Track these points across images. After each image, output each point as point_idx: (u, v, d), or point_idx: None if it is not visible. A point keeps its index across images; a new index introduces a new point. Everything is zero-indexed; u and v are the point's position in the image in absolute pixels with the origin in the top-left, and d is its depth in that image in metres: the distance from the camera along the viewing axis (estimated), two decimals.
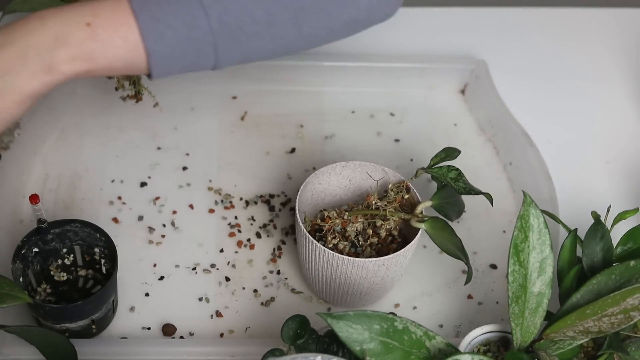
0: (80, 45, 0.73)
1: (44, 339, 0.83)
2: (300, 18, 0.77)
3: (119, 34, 0.73)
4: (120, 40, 0.73)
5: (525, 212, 0.80)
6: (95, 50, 0.73)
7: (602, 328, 0.76)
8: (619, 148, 1.12)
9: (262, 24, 0.76)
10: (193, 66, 0.77)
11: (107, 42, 0.73)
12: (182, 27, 0.73)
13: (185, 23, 0.73)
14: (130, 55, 0.74)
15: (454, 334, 0.95)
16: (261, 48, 0.78)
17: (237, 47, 0.77)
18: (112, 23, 0.73)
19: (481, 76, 1.15)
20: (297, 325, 0.82)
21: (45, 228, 0.88)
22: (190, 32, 0.74)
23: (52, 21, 0.72)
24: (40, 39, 0.72)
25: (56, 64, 0.72)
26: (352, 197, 0.97)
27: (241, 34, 0.76)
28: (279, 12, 0.76)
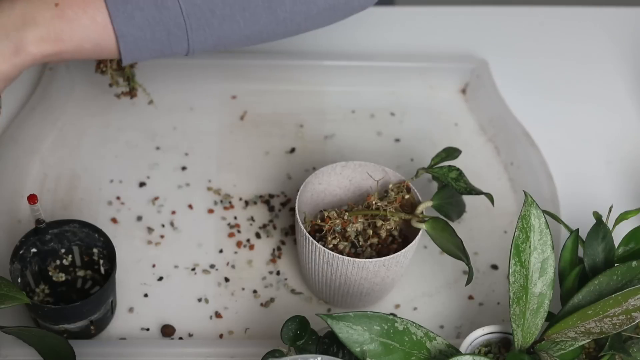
0: (48, 24, 0.71)
1: (42, 340, 0.83)
2: (274, 2, 0.76)
3: (87, 15, 0.72)
4: (88, 20, 0.72)
5: (526, 213, 0.80)
6: (63, 30, 0.72)
7: (604, 329, 0.76)
8: (621, 148, 1.12)
9: (235, 7, 0.75)
10: (166, 50, 0.75)
11: (75, 22, 0.72)
12: (151, 7, 0.72)
13: (154, 3, 0.72)
14: (99, 36, 0.72)
15: (455, 334, 0.94)
16: (235, 33, 0.76)
17: (210, 31, 0.75)
18: (80, 3, 0.72)
19: (482, 75, 1.15)
20: (297, 326, 0.81)
21: (44, 228, 0.88)
22: (160, 14, 0.72)
23: (20, 1, 0.71)
24: (8, 19, 0.71)
25: (24, 45, 0.71)
26: (352, 197, 0.97)
27: (213, 17, 0.74)
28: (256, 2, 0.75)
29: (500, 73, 1.15)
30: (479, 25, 1.23)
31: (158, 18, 0.73)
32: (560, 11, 1.27)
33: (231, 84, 1.15)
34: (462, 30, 1.22)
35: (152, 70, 1.10)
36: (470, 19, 1.24)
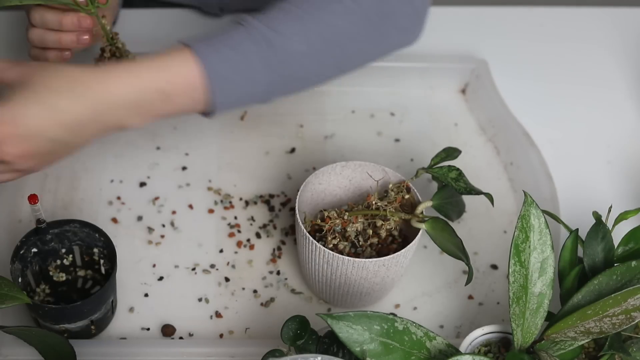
0: (156, 110, 0.80)
1: (42, 340, 0.83)
2: (344, 64, 0.89)
3: (190, 97, 0.81)
4: (189, 101, 0.81)
5: (526, 212, 0.80)
6: (166, 112, 0.81)
7: (604, 329, 0.76)
8: (620, 148, 1.12)
9: (313, 74, 0.86)
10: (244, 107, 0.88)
11: (179, 104, 0.81)
12: (246, 85, 0.82)
13: (249, 81, 0.82)
14: (192, 107, 0.82)
15: (455, 334, 0.94)
16: (304, 88, 0.87)
17: (287, 91, 0.86)
18: (187, 89, 0.80)
19: (482, 76, 1.15)
20: (297, 326, 0.81)
21: (44, 228, 0.88)
22: (252, 89, 0.83)
23: (131, 88, 0.77)
24: (120, 104, 0.77)
25: (129, 124, 0.80)
26: (352, 197, 0.97)
27: (293, 82, 0.86)
28: (329, 64, 0.87)
29: (500, 73, 1.16)
30: (479, 26, 1.23)
31: (249, 93, 0.83)
32: (560, 11, 1.27)
33: None
34: (462, 30, 1.22)
35: None
36: (470, 19, 1.24)
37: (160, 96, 0.79)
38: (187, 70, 0.80)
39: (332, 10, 0.84)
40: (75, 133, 0.76)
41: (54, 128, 0.75)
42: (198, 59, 0.80)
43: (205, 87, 0.81)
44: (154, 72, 0.79)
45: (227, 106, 0.83)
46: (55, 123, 0.75)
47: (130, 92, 0.78)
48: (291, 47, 0.82)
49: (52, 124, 0.74)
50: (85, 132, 0.77)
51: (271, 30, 0.82)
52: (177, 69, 0.80)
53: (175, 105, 0.81)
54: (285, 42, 0.82)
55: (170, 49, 0.81)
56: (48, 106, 0.74)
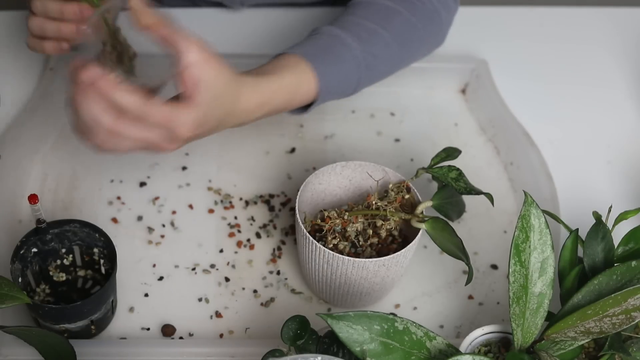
0: (277, 112, 0.92)
1: (43, 340, 0.83)
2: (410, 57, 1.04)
3: (300, 104, 0.94)
4: (298, 106, 0.94)
5: (526, 212, 0.80)
6: (284, 108, 0.93)
7: (604, 328, 0.76)
8: (620, 148, 1.12)
9: (385, 75, 1.02)
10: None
11: (289, 109, 0.94)
12: (341, 92, 0.98)
13: (343, 91, 0.98)
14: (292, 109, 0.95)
15: (455, 334, 0.94)
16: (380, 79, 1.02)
17: (369, 83, 1.00)
18: (303, 100, 0.93)
19: (482, 76, 1.15)
20: (297, 326, 0.81)
21: (44, 228, 0.88)
22: (340, 96, 0.98)
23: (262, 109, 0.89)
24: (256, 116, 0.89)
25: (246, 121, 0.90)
26: (353, 197, 0.97)
27: (377, 77, 1.01)
28: (396, 70, 1.03)
29: (500, 73, 1.16)
30: (479, 26, 1.23)
31: (336, 97, 0.98)
32: (560, 11, 1.27)
33: None
34: (462, 30, 1.21)
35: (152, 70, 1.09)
36: (470, 19, 1.24)
37: (283, 107, 0.92)
38: (308, 92, 0.93)
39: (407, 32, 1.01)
40: (214, 132, 0.87)
41: (212, 129, 0.85)
42: (317, 77, 0.93)
43: (314, 97, 0.95)
44: (286, 96, 0.91)
45: (314, 108, 0.97)
46: (215, 127, 0.85)
47: (263, 112, 0.90)
48: (380, 68, 1.00)
49: (213, 127, 0.85)
50: (217, 131, 0.87)
51: (370, 55, 0.97)
52: (302, 91, 0.93)
53: (286, 110, 0.94)
54: (377, 64, 0.99)
55: (296, 65, 0.92)
56: (220, 113, 0.84)
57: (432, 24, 1.03)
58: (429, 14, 1.02)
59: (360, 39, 0.97)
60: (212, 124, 0.84)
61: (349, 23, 0.98)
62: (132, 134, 0.79)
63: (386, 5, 1.00)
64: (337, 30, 0.97)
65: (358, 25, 0.98)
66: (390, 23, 0.99)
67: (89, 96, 0.78)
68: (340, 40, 0.96)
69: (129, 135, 0.79)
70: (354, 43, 0.96)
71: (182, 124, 0.80)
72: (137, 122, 0.79)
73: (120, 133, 0.79)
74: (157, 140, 0.81)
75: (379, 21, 0.98)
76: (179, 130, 0.80)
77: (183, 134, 0.81)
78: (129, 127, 0.79)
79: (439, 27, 1.04)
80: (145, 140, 0.80)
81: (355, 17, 0.99)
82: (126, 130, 0.79)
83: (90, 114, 0.78)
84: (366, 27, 0.98)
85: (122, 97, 0.78)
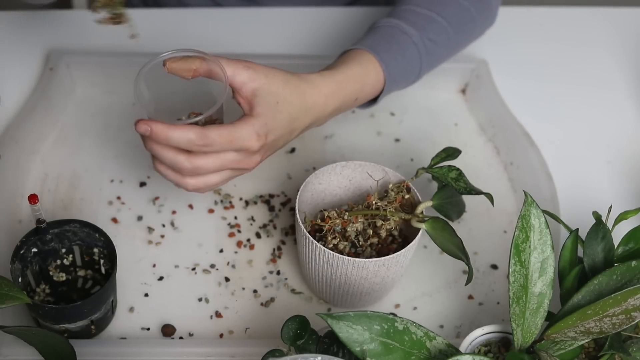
0: (343, 112, 0.95)
1: (43, 340, 0.83)
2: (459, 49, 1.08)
3: (367, 98, 0.97)
4: (365, 100, 0.97)
5: (526, 212, 0.80)
6: (346, 110, 0.96)
7: (604, 328, 0.76)
8: (620, 148, 1.12)
9: (444, 59, 1.05)
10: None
11: (358, 104, 0.97)
12: (406, 79, 1.01)
13: (407, 78, 1.00)
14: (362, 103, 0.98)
15: (455, 334, 0.94)
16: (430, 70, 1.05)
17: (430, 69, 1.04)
18: (371, 93, 0.97)
19: (482, 75, 1.15)
20: (297, 326, 0.81)
21: (44, 228, 0.88)
22: (405, 85, 1.02)
23: (336, 102, 0.92)
24: (328, 112, 0.92)
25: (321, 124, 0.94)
26: (353, 197, 0.97)
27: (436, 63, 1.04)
28: (452, 53, 1.06)
29: (500, 73, 1.16)
30: None
31: (401, 86, 1.01)
32: (560, 11, 1.27)
33: None
34: None
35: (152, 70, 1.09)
36: None
37: (353, 103, 0.95)
38: (376, 82, 0.96)
39: (460, 16, 1.04)
40: (294, 134, 0.90)
41: (287, 132, 0.88)
42: (383, 66, 0.96)
43: (381, 87, 0.97)
44: (354, 85, 0.93)
45: (382, 98, 1.00)
46: (289, 129, 0.88)
47: (335, 104, 0.92)
48: (439, 53, 1.03)
49: (287, 130, 0.88)
50: (297, 133, 0.91)
51: (431, 42, 1.01)
52: (370, 81, 0.95)
53: (356, 105, 0.97)
54: (436, 49, 1.02)
55: (361, 56, 0.95)
56: (287, 114, 0.87)
57: (483, 6, 1.06)
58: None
59: (418, 26, 1.00)
60: (283, 128, 0.87)
61: (405, 12, 1.02)
62: (210, 165, 0.84)
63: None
64: (395, 20, 1.01)
65: (414, 13, 1.01)
66: (445, 9, 1.03)
67: (155, 147, 0.83)
68: (400, 29, 1.00)
69: (208, 166, 0.84)
70: (413, 30, 1.00)
71: (246, 138, 0.83)
72: (206, 152, 0.83)
73: (201, 167, 0.83)
74: (235, 162, 0.85)
75: (434, 7, 1.02)
76: (247, 144, 0.84)
77: (253, 147, 0.84)
78: (203, 159, 0.83)
79: (490, 9, 1.08)
80: (224, 166, 0.84)
81: (410, 6, 1.02)
82: (202, 163, 0.83)
83: (168, 161, 0.83)
84: (423, 15, 1.01)
85: (179, 136, 0.81)
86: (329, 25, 1.22)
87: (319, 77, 0.91)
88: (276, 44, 1.18)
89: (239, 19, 1.21)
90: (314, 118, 0.91)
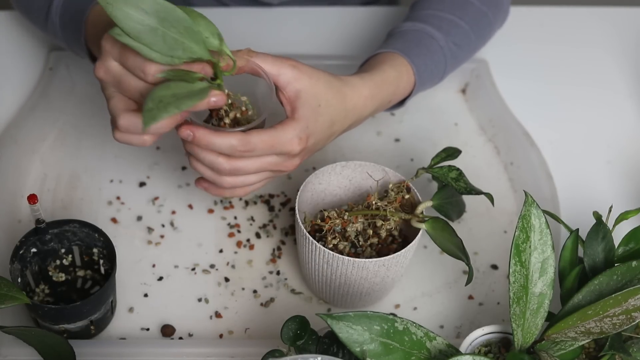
0: (377, 113, 0.96)
1: (42, 340, 0.83)
2: (477, 51, 1.10)
3: (398, 99, 0.99)
4: (396, 101, 0.99)
5: (526, 212, 0.80)
6: (379, 112, 0.97)
7: (604, 329, 0.76)
8: (621, 148, 1.12)
9: (464, 61, 1.08)
10: None
11: (390, 105, 0.98)
12: (432, 81, 1.03)
13: (433, 80, 1.03)
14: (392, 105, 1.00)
15: (455, 334, 0.94)
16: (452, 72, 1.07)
17: (452, 70, 1.06)
18: (402, 95, 0.98)
19: (482, 75, 1.15)
20: (297, 326, 0.81)
21: (44, 228, 0.88)
22: (430, 85, 1.03)
23: (373, 105, 0.93)
24: (365, 115, 0.93)
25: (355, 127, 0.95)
26: (353, 197, 0.97)
27: (458, 64, 1.07)
28: (471, 56, 1.09)
29: (500, 73, 1.15)
30: None
31: (428, 87, 1.03)
32: (560, 11, 1.27)
33: None
34: None
35: None
36: None
37: (387, 105, 0.97)
38: (407, 84, 0.98)
39: (479, 20, 1.06)
40: (333, 137, 0.91)
41: (327, 135, 0.89)
42: (414, 73, 0.98)
43: (411, 89, 0.99)
44: (390, 88, 0.95)
45: (410, 100, 1.02)
46: (329, 132, 0.89)
47: (373, 107, 0.93)
48: (461, 56, 1.05)
49: (327, 133, 0.89)
50: (336, 135, 0.92)
51: (455, 46, 1.03)
52: (403, 84, 0.97)
53: (390, 104, 0.98)
54: (459, 53, 1.04)
55: (394, 60, 0.97)
56: (328, 117, 0.88)
57: (497, 9, 1.08)
58: (494, 1, 1.08)
59: (444, 31, 1.03)
60: (323, 132, 0.88)
61: (428, 17, 1.04)
62: (250, 167, 0.84)
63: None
64: (420, 24, 1.03)
65: (437, 17, 1.03)
66: (465, 13, 1.05)
67: (195, 149, 0.83)
68: (426, 32, 1.02)
69: (248, 168, 0.84)
70: (440, 35, 1.02)
71: (287, 141, 0.84)
72: (247, 156, 0.83)
73: (240, 169, 0.84)
74: (275, 164, 0.85)
75: (455, 12, 1.04)
76: (288, 148, 0.84)
77: (294, 150, 0.84)
78: (243, 161, 0.83)
79: (502, 10, 1.10)
80: (264, 169, 0.85)
81: (432, 11, 1.04)
82: (242, 165, 0.83)
83: (207, 162, 0.83)
84: (446, 19, 1.03)
85: (222, 142, 0.81)
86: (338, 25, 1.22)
87: (359, 79, 0.92)
88: (283, 43, 1.17)
89: (245, 18, 1.21)
90: (352, 120, 0.92)
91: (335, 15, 1.23)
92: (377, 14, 1.23)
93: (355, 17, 1.22)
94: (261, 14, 1.21)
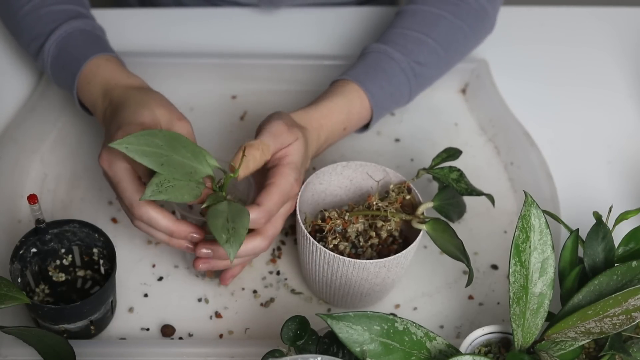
0: (334, 142, 0.99)
1: (42, 340, 0.83)
2: (452, 66, 1.09)
3: (357, 127, 1.01)
4: (354, 129, 1.01)
5: (526, 212, 0.80)
6: (336, 142, 1.00)
7: (604, 329, 0.76)
8: (621, 148, 1.12)
9: (436, 78, 1.07)
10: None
11: (347, 134, 1.00)
12: (396, 103, 1.04)
13: (397, 101, 1.04)
14: (351, 132, 1.02)
15: (455, 334, 0.94)
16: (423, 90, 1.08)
17: (419, 92, 1.06)
18: (359, 122, 1.01)
19: (482, 75, 1.15)
20: (297, 326, 0.81)
21: (44, 228, 0.88)
22: (395, 107, 1.05)
23: (324, 133, 0.96)
24: (328, 144, 0.98)
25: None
26: (353, 198, 0.97)
27: (427, 85, 1.07)
28: (444, 71, 1.08)
29: (500, 73, 1.15)
30: None
31: (392, 109, 1.05)
32: (560, 11, 1.27)
33: (231, 84, 1.14)
34: None
35: (152, 70, 1.10)
36: None
37: (342, 127, 0.98)
38: (362, 109, 1.00)
39: (452, 35, 1.05)
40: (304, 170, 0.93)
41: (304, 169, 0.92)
42: (369, 99, 0.99)
43: (369, 116, 1.01)
44: (339, 116, 0.97)
45: (373, 124, 1.03)
46: (304, 168, 0.92)
47: (324, 136, 0.96)
48: (428, 74, 1.05)
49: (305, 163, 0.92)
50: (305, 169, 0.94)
51: (419, 65, 1.03)
52: (356, 109, 0.99)
53: (345, 135, 1.00)
54: (425, 71, 1.04)
55: (345, 87, 0.99)
56: (307, 157, 0.92)
57: (478, 21, 1.07)
58: (474, 13, 1.07)
59: (407, 50, 1.03)
60: (304, 164, 0.92)
61: (394, 36, 1.04)
62: (280, 225, 0.89)
63: (430, 11, 1.05)
64: (383, 46, 1.03)
65: (403, 36, 1.04)
66: (435, 29, 1.04)
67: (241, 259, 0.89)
68: (387, 54, 1.02)
69: (279, 227, 0.89)
70: (400, 55, 1.02)
71: (290, 188, 0.87)
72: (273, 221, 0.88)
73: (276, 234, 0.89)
74: (290, 209, 0.90)
75: (423, 29, 1.04)
76: (293, 193, 0.88)
77: (295, 191, 0.89)
78: (274, 226, 0.88)
79: (485, 21, 1.09)
80: (285, 216, 0.89)
81: (400, 29, 1.05)
82: (275, 230, 0.88)
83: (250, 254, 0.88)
84: (411, 37, 1.04)
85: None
86: (331, 25, 1.22)
87: (305, 113, 0.95)
88: (275, 44, 1.18)
89: (236, 19, 1.21)
90: (313, 150, 0.95)
91: (333, 15, 1.23)
92: (374, 13, 1.23)
93: (352, 17, 1.22)
94: (258, 14, 1.21)
